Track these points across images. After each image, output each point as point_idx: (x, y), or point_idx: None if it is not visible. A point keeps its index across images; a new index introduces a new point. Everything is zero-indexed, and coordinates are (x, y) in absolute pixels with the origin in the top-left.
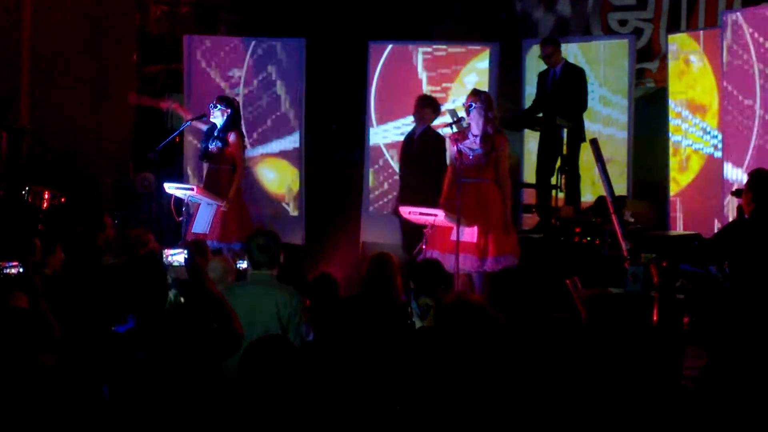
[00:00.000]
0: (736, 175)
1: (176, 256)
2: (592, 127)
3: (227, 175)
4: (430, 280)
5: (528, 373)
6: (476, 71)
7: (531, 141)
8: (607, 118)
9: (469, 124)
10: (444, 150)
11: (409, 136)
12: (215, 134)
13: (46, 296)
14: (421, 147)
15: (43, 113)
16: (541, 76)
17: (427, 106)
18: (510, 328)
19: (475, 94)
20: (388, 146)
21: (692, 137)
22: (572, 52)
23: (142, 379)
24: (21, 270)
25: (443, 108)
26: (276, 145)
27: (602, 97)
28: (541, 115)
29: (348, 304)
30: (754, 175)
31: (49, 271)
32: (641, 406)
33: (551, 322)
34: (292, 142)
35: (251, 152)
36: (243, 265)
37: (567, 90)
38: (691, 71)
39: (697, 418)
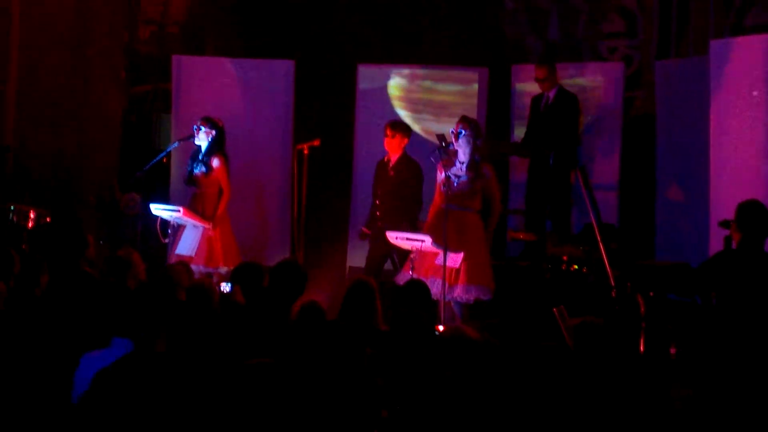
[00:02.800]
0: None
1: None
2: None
3: (212, 198)
4: (413, 304)
5: (519, 401)
6: (464, 95)
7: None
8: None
9: (456, 151)
10: (420, 177)
11: (384, 164)
12: (199, 158)
13: (34, 317)
14: (398, 174)
15: (29, 132)
16: (535, 100)
17: (398, 132)
18: (505, 356)
19: (465, 121)
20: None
21: None
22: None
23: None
24: None
25: (436, 132)
26: (263, 167)
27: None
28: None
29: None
30: (742, 206)
31: (38, 291)
32: None
33: (538, 350)
34: (279, 163)
35: (237, 174)
36: (227, 288)
37: (558, 116)
38: None
39: None
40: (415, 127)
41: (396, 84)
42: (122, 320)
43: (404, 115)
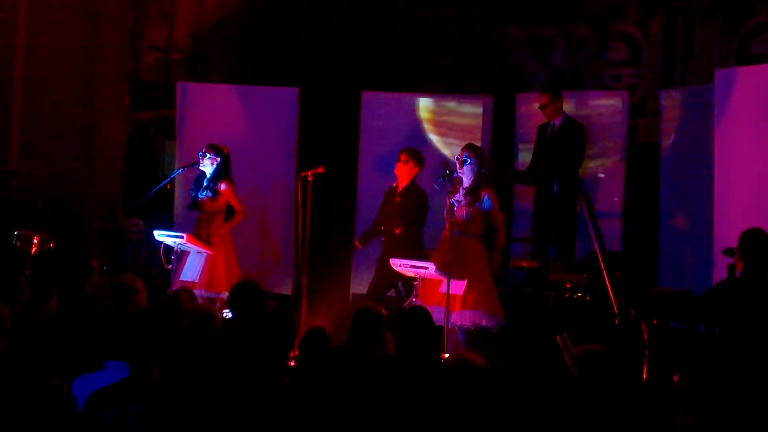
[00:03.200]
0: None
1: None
2: None
3: (216, 224)
4: (414, 329)
5: (523, 428)
6: (468, 119)
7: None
8: None
9: (461, 178)
10: (425, 206)
11: (393, 189)
12: (205, 183)
13: (40, 342)
14: (403, 201)
15: (34, 157)
16: (541, 128)
17: (412, 160)
18: (510, 383)
19: (471, 148)
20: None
21: None
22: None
23: None
24: None
25: (440, 160)
26: (267, 194)
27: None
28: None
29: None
30: (745, 234)
31: (43, 317)
32: None
33: (541, 377)
34: (283, 190)
35: (242, 201)
36: (229, 314)
37: (564, 144)
38: None
39: None
40: (445, 152)
41: (425, 107)
42: (118, 343)
43: (435, 139)
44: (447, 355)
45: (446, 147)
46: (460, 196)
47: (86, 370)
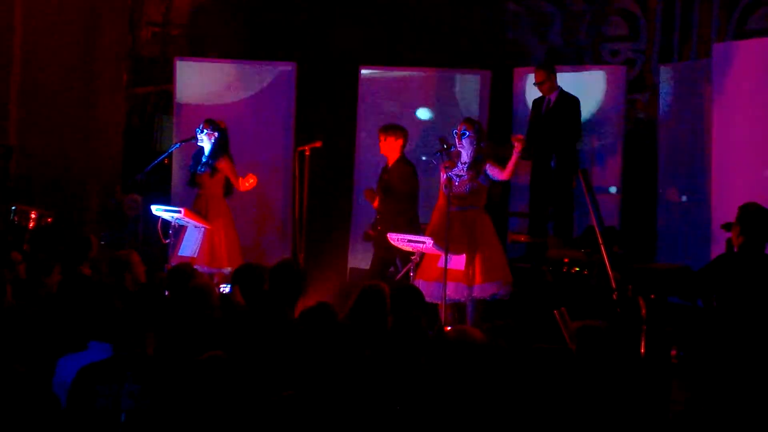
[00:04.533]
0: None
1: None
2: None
3: (216, 200)
4: (408, 307)
5: (520, 402)
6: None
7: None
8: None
9: (459, 152)
10: (412, 179)
11: (385, 167)
12: (203, 159)
13: (40, 318)
14: (391, 177)
15: (32, 133)
16: (536, 103)
17: (390, 135)
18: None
19: (469, 122)
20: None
21: None
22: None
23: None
24: None
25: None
26: (264, 169)
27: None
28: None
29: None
30: (744, 208)
31: (43, 292)
32: None
33: (537, 352)
34: (281, 165)
35: (240, 176)
36: (226, 289)
37: (560, 119)
38: None
39: None
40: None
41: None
42: (103, 323)
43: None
44: (449, 329)
45: (444, 121)
46: (459, 170)
47: (73, 349)
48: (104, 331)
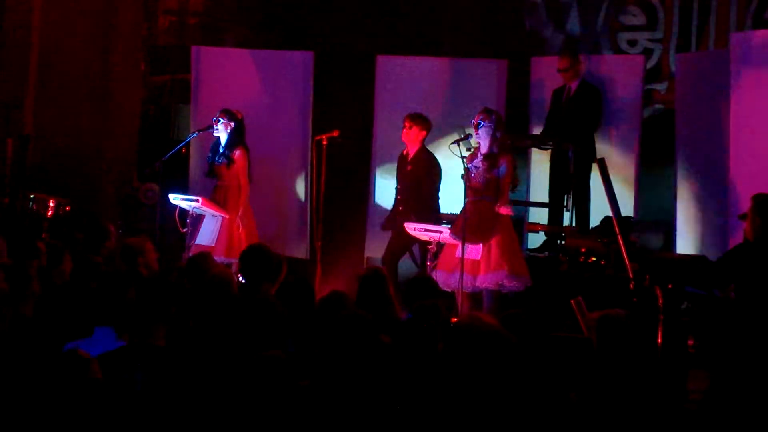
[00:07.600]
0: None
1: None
2: None
3: (234, 190)
4: (422, 296)
5: (534, 392)
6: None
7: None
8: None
9: (478, 143)
10: (437, 170)
11: (404, 157)
12: (221, 150)
13: (54, 305)
14: (415, 168)
15: (49, 121)
16: (556, 93)
17: (416, 124)
18: (522, 349)
19: (486, 112)
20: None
21: None
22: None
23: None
24: None
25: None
26: (282, 158)
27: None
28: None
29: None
30: (759, 198)
31: (58, 280)
32: (645, 428)
33: (553, 341)
34: (298, 155)
35: (257, 165)
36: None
37: (580, 108)
38: None
39: None
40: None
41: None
42: (109, 309)
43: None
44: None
45: (461, 111)
46: (478, 161)
47: (79, 335)
48: (113, 318)
